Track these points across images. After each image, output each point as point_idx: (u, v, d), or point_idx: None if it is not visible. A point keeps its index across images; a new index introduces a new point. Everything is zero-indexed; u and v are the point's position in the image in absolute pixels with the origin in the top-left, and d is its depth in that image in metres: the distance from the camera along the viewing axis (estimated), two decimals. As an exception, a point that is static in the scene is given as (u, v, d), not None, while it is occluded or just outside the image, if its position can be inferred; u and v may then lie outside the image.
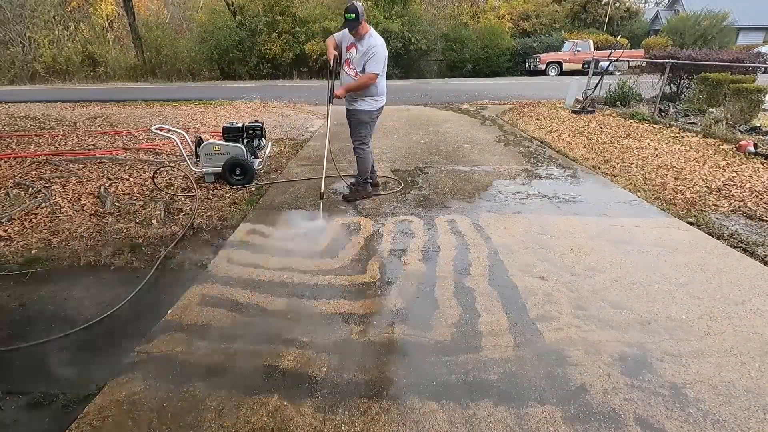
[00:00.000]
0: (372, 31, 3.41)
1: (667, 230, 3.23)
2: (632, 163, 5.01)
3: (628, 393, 1.72)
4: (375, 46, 3.33)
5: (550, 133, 6.79)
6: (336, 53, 3.52)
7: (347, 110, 3.72)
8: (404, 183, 4.38)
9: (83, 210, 3.68)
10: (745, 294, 2.39)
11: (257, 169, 4.42)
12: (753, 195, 3.94)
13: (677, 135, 6.42)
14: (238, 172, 4.25)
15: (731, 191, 4.05)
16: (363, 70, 3.41)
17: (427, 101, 10.95)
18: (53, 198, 3.93)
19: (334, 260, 2.81)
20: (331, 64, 3.47)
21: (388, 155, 5.52)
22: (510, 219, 3.45)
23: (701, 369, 1.84)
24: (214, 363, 1.90)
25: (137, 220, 3.46)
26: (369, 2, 20.01)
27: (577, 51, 18.64)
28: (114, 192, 4.11)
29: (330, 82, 3.48)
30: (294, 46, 19.73)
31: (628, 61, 12.88)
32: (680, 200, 3.84)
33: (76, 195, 4.03)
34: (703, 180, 4.37)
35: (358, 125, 3.66)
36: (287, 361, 1.91)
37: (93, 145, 6.18)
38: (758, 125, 6.54)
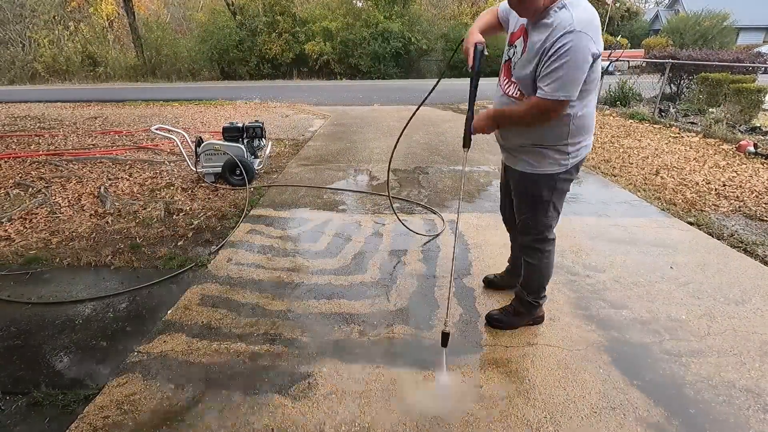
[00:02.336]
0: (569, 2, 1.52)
1: (667, 230, 3.23)
2: (632, 163, 5.01)
3: (629, 393, 1.72)
4: (566, 39, 1.48)
5: (550, 133, 6.78)
6: (478, 43, 1.75)
7: (504, 167, 2.04)
8: (404, 183, 4.38)
9: (83, 210, 3.68)
10: (745, 294, 2.39)
11: (257, 169, 4.42)
12: (753, 195, 3.94)
13: (677, 135, 6.42)
14: (238, 172, 4.25)
15: (731, 191, 4.05)
16: (534, 90, 1.62)
17: (427, 101, 10.93)
18: (53, 198, 3.93)
19: (334, 260, 2.81)
20: (470, 63, 1.76)
21: (388, 155, 5.50)
22: (510, 219, 3.44)
23: (701, 369, 1.84)
24: (214, 363, 1.90)
25: (137, 220, 3.46)
26: (369, 2, 20.05)
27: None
28: (114, 192, 4.11)
29: (471, 99, 1.83)
30: (294, 46, 19.75)
31: (628, 61, 12.88)
32: (680, 200, 3.84)
33: (76, 195, 4.03)
34: (703, 180, 4.37)
35: (531, 200, 1.88)
36: (287, 360, 1.91)
37: (93, 145, 6.18)
38: (758, 125, 6.54)
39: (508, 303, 2.18)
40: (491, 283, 2.46)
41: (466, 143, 1.84)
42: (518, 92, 1.74)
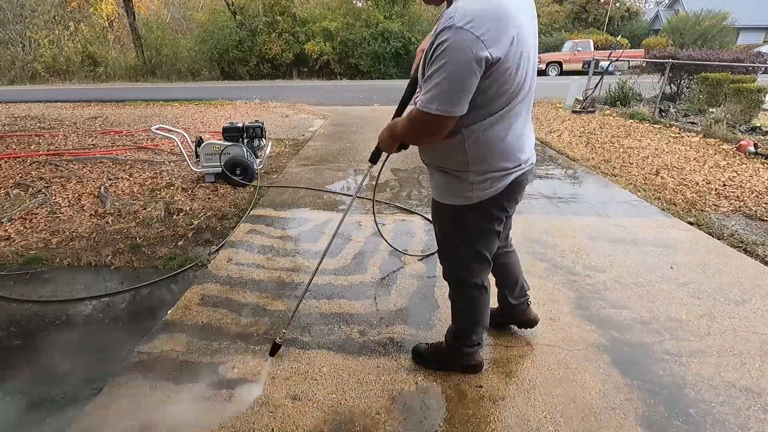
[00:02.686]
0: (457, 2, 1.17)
1: (667, 230, 3.23)
2: (632, 163, 5.01)
3: (629, 393, 1.72)
4: (443, 36, 1.14)
5: (550, 132, 6.79)
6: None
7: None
8: (404, 183, 4.38)
9: (83, 210, 3.68)
10: (745, 294, 2.39)
11: (257, 169, 4.42)
12: (753, 195, 3.94)
13: (677, 135, 6.42)
14: (238, 172, 4.25)
15: (731, 191, 4.05)
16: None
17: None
18: (53, 198, 3.93)
19: (334, 260, 2.81)
20: (413, 68, 1.59)
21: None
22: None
23: (701, 369, 1.84)
24: (214, 363, 1.90)
25: (137, 220, 3.46)
26: (369, 2, 20.04)
27: (577, 51, 18.65)
28: (114, 192, 4.11)
29: (399, 104, 1.69)
30: (294, 46, 19.75)
31: (628, 61, 12.88)
32: (680, 200, 3.84)
33: (76, 195, 4.03)
34: (703, 180, 4.37)
35: (439, 231, 1.66)
36: (287, 360, 1.91)
37: (93, 145, 6.18)
38: (758, 125, 6.54)
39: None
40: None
41: (372, 158, 1.70)
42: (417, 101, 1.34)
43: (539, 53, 19.08)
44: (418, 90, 1.40)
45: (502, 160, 1.38)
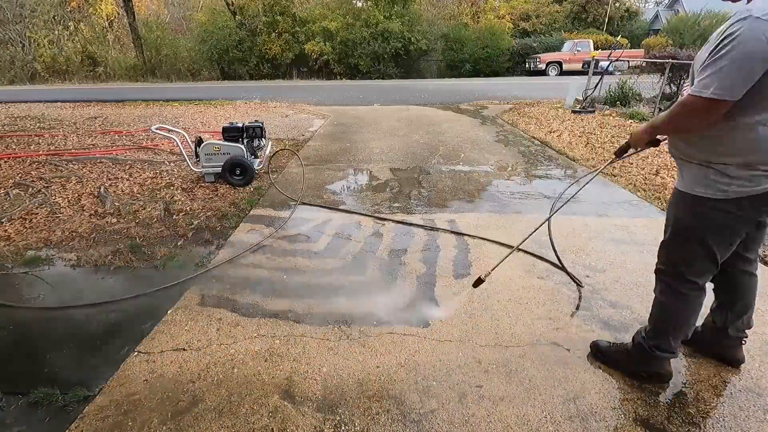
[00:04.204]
0: None
1: (667, 230, 3.23)
2: (632, 163, 5.01)
3: (629, 392, 1.72)
4: (735, 28, 1.24)
5: (550, 133, 6.79)
6: None
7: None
8: (404, 183, 4.38)
9: (83, 210, 3.68)
10: (745, 294, 2.39)
11: (257, 169, 4.42)
12: (753, 195, 3.94)
13: (677, 135, 6.41)
14: (238, 172, 4.25)
15: (731, 191, 4.04)
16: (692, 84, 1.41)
17: (427, 101, 10.95)
18: (53, 198, 3.93)
19: (334, 260, 2.81)
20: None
21: (387, 155, 5.52)
22: (510, 219, 3.45)
23: (701, 369, 1.84)
24: (214, 362, 1.90)
25: (137, 220, 3.46)
26: (369, 2, 20.05)
27: (577, 51, 18.65)
28: (114, 192, 4.11)
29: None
30: (294, 46, 19.77)
31: (628, 61, 12.88)
32: (680, 200, 3.84)
33: (76, 195, 4.03)
34: (703, 180, 4.36)
35: (675, 230, 1.61)
36: (287, 360, 1.91)
37: (93, 145, 6.18)
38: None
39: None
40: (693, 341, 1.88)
41: (618, 152, 1.84)
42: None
43: (540, 53, 18.93)
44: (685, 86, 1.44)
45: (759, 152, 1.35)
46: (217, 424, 1.59)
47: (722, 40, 1.26)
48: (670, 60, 8.10)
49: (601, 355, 1.88)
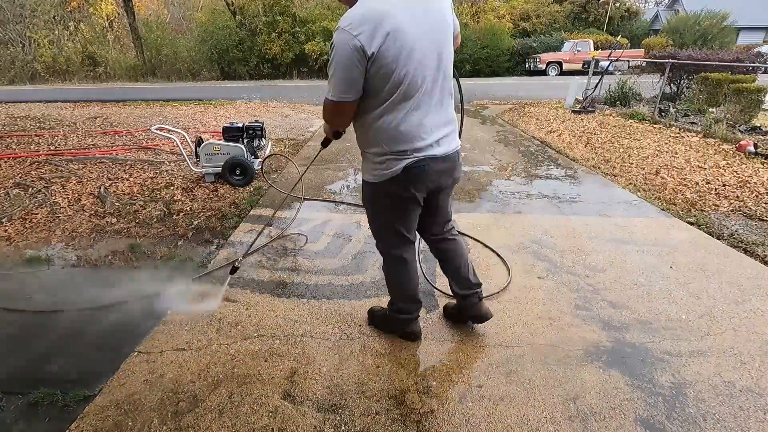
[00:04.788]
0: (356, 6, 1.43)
1: (667, 230, 3.23)
2: (632, 163, 5.01)
3: (629, 393, 1.72)
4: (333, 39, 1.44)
5: (550, 132, 6.79)
6: None
7: None
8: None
9: (83, 210, 3.69)
10: (745, 294, 2.39)
11: (257, 169, 4.42)
12: (753, 195, 3.94)
13: (677, 135, 6.42)
14: (238, 172, 4.25)
15: (731, 191, 4.05)
16: None
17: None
18: (53, 198, 3.93)
19: (334, 260, 2.81)
20: None
21: (388, 155, 5.51)
22: (510, 219, 3.45)
23: (701, 369, 1.84)
24: (214, 362, 1.90)
25: (137, 220, 3.46)
26: (369, 2, 20.01)
27: (577, 51, 18.64)
28: (114, 192, 4.11)
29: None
30: (294, 46, 19.74)
31: (628, 61, 12.88)
32: (680, 200, 3.84)
33: (76, 195, 4.03)
34: (703, 180, 4.37)
35: (365, 209, 1.89)
36: (288, 360, 1.91)
37: (93, 145, 6.18)
38: (758, 125, 6.54)
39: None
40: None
41: (324, 143, 1.93)
42: None
43: (540, 53, 18.87)
44: None
45: (389, 144, 1.57)
46: (217, 424, 1.59)
47: None
48: (670, 60, 8.10)
49: (369, 315, 2.16)
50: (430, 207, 1.80)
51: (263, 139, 4.68)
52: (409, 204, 1.71)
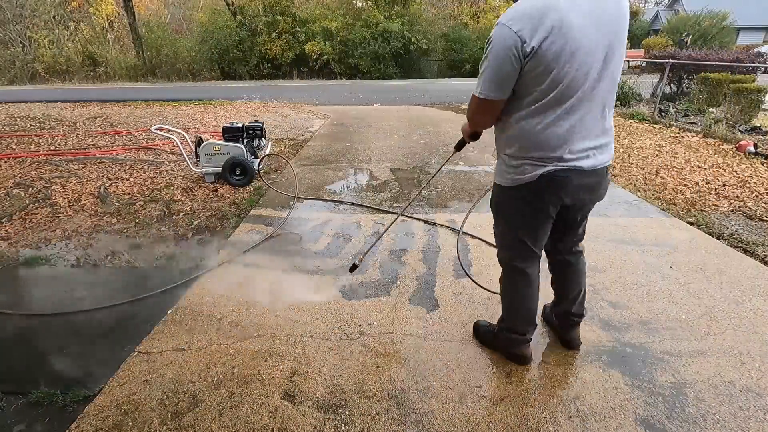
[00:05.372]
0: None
1: (667, 230, 3.23)
2: (632, 163, 5.01)
3: (629, 393, 1.72)
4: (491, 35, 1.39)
5: (550, 133, 6.78)
6: None
7: None
8: (404, 182, 4.37)
9: (83, 210, 3.69)
10: (745, 294, 2.39)
11: (257, 169, 4.42)
12: (753, 195, 3.94)
13: (677, 135, 6.42)
14: (238, 172, 4.25)
15: (731, 191, 4.05)
16: None
17: (427, 101, 10.95)
18: (53, 198, 3.93)
19: (334, 260, 2.81)
20: None
21: (388, 155, 5.52)
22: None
23: (701, 369, 1.84)
24: (214, 362, 1.90)
25: (137, 220, 3.46)
26: (369, 2, 20.04)
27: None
28: (114, 192, 4.11)
29: None
30: (294, 46, 19.73)
31: (628, 61, 12.88)
32: (680, 200, 3.84)
33: (76, 195, 4.03)
34: (703, 180, 4.37)
35: (495, 213, 1.75)
36: (288, 360, 1.91)
37: (93, 145, 6.18)
38: (758, 125, 6.54)
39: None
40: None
41: (457, 146, 2.01)
42: None
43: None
44: None
45: (532, 150, 1.46)
46: (217, 424, 1.59)
47: None
48: (670, 60, 8.10)
49: (477, 333, 2.03)
50: (563, 223, 1.66)
51: (263, 139, 4.68)
52: (539, 215, 1.57)
